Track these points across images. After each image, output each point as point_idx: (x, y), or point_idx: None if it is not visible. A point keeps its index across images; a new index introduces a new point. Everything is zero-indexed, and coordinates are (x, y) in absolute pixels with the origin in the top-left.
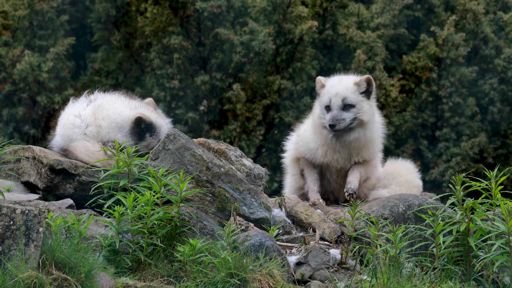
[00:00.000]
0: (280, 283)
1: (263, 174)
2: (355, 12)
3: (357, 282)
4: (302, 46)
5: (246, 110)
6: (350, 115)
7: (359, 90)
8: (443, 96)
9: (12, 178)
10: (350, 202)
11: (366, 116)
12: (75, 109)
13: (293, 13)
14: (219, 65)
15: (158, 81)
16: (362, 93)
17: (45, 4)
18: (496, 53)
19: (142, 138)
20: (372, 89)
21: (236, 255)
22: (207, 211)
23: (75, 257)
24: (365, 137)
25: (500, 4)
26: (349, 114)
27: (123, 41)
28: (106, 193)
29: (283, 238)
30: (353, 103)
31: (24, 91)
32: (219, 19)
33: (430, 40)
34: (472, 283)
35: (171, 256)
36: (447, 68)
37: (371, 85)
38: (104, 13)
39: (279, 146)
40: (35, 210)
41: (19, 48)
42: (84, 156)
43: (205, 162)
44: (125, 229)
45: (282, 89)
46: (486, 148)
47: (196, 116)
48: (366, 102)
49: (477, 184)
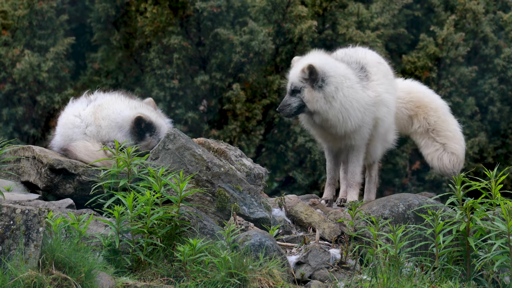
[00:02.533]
0: (280, 282)
1: (263, 174)
2: (354, 11)
3: (357, 281)
4: (301, 45)
5: (246, 110)
6: (296, 100)
7: (304, 77)
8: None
9: (12, 178)
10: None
11: (310, 104)
12: (75, 109)
13: (293, 12)
14: (219, 65)
15: (158, 81)
16: (306, 80)
17: (44, 3)
18: (496, 52)
19: (142, 137)
20: (316, 76)
21: (236, 255)
22: (207, 211)
23: (75, 257)
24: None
25: (500, 4)
26: (295, 99)
27: (122, 41)
28: (106, 193)
29: (283, 238)
30: (297, 89)
31: (24, 91)
32: (219, 19)
33: (429, 39)
34: (472, 283)
35: (171, 255)
36: (447, 67)
37: (314, 73)
38: (103, 13)
39: (279, 146)
40: (35, 210)
41: (18, 48)
42: (84, 156)
43: (205, 162)
44: (125, 228)
45: (282, 88)
46: (486, 147)
47: (196, 116)
48: (309, 90)
49: (477, 183)
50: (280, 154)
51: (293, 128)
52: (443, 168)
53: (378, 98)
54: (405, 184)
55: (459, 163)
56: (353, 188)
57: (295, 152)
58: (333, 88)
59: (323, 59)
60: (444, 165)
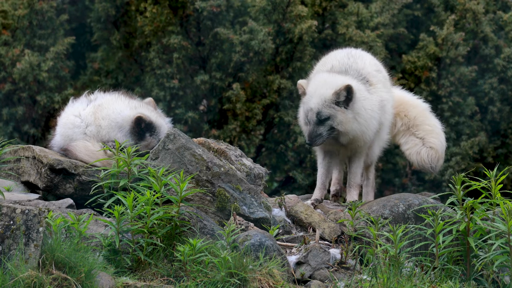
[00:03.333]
0: (280, 282)
1: (263, 174)
2: (354, 11)
3: (357, 281)
4: (301, 45)
5: (245, 109)
6: (326, 128)
7: (338, 99)
8: (443, 96)
9: (12, 177)
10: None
11: (345, 126)
12: (75, 109)
13: (293, 12)
14: (219, 65)
15: (158, 80)
16: (339, 103)
17: (44, 3)
18: (496, 52)
19: (142, 137)
20: (352, 96)
21: (236, 255)
22: (207, 211)
23: (75, 257)
24: (354, 138)
25: (499, 4)
26: (324, 127)
27: (122, 40)
28: (106, 193)
29: (283, 238)
30: (327, 116)
31: (24, 91)
32: (219, 19)
33: (429, 39)
34: (472, 283)
35: (171, 255)
36: (447, 67)
37: (351, 93)
38: (103, 13)
39: (279, 146)
40: (35, 209)
41: (18, 48)
42: (84, 156)
43: (205, 162)
44: (125, 228)
45: (282, 88)
46: (486, 147)
47: (195, 116)
48: (345, 110)
49: (477, 183)
50: (280, 154)
51: (293, 128)
52: (421, 163)
53: (382, 103)
54: (405, 184)
55: (438, 159)
56: (353, 188)
57: (295, 152)
58: (360, 105)
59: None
60: (422, 159)
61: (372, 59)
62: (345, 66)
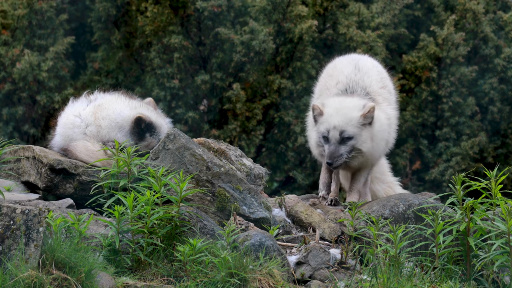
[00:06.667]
0: (280, 282)
1: (263, 174)
2: (355, 11)
3: (357, 281)
4: (302, 45)
5: (246, 109)
6: (347, 148)
7: (365, 122)
8: (443, 96)
9: (12, 177)
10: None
11: (365, 146)
12: (75, 109)
13: (293, 12)
14: (219, 65)
15: (158, 80)
16: (365, 124)
17: (44, 3)
18: (496, 52)
19: (142, 137)
20: (373, 116)
21: (236, 255)
22: (207, 211)
23: (75, 257)
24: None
25: (500, 4)
26: (346, 147)
27: (123, 40)
28: (106, 193)
29: (283, 238)
30: (351, 136)
31: (24, 91)
32: (219, 19)
33: (430, 39)
34: (472, 283)
35: (171, 255)
36: (447, 67)
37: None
38: (104, 13)
39: (279, 146)
40: (35, 209)
41: (18, 48)
42: (84, 156)
43: (205, 162)
44: (125, 228)
45: (282, 88)
46: (486, 147)
47: (196, 116)
48: (366, 130)
49: (477, 183)
50: (280, 154)
51: (293, 128)
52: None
53: (389, 121)
54: (405, 184)
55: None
56: (354, 192)
57: (295, 152)
58: (378, 124)
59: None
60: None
61: (378, 73)
62: (352, 83)
